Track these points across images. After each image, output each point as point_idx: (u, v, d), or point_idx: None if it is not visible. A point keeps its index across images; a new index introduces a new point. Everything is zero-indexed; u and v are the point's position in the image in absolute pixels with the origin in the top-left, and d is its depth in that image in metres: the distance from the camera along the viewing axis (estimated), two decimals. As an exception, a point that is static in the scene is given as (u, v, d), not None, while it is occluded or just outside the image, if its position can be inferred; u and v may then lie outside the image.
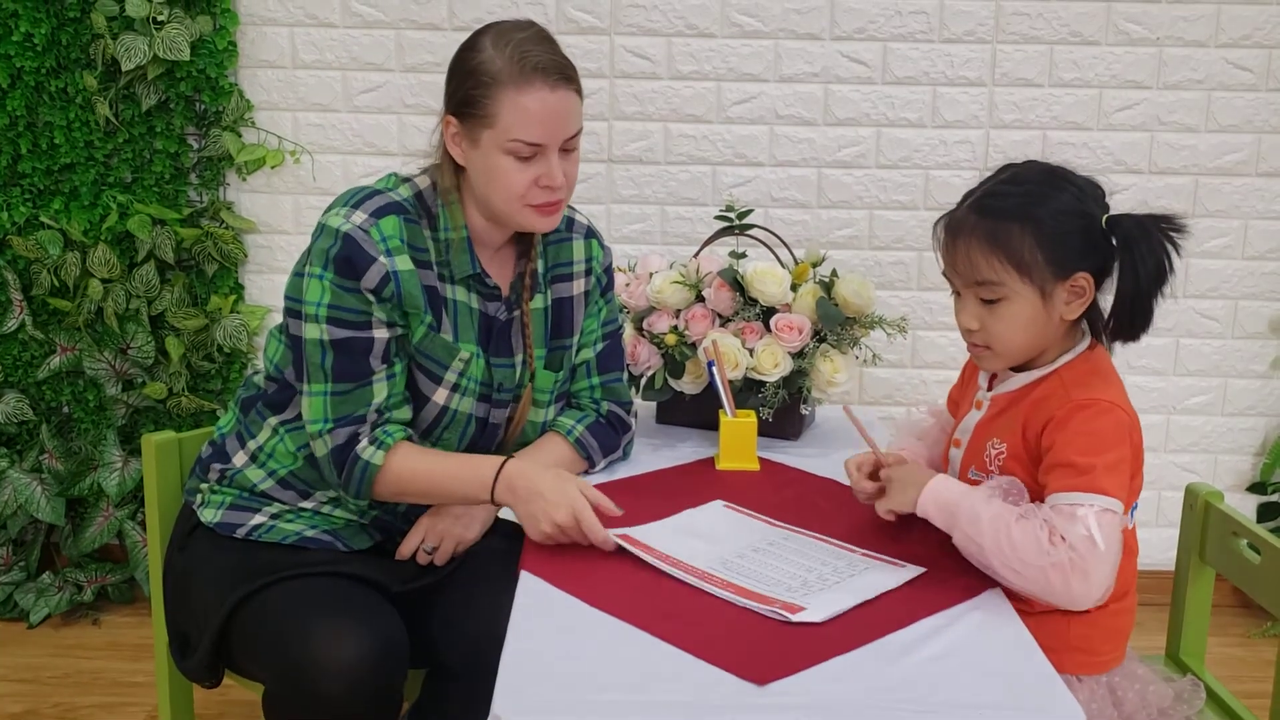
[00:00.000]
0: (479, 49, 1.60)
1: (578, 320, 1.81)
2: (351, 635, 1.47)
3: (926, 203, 2.72)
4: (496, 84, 1.57)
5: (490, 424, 1.74)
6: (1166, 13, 2.62)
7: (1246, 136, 2.69)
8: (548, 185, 1.62)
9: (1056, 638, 1.45)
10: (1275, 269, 2.76)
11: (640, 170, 2.71)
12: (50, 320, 2.72)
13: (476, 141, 1.61)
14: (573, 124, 1.63)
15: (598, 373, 1.84)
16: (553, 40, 1.63)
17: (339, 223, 1.60)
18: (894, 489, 1.53)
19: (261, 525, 1.69)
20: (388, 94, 2.67)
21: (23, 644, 2.64)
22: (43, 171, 2.65)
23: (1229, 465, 2.86)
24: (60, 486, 2.71)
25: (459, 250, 1.66)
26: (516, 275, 1.75)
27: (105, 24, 2.54)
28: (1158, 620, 1.83)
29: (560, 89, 1.59)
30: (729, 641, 1.29)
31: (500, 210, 1.64)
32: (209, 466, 1.74)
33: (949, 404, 1.74)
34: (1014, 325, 1.47)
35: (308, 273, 1.61)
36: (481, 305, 1.70)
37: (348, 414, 1.62)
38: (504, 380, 1.73)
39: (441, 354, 1.66)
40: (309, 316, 1.60)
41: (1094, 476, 1.38)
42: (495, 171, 1.61)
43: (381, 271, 1.59)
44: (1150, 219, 1.44)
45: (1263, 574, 1.58)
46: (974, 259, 1.46)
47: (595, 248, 1.83)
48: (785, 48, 2.65)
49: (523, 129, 1.57)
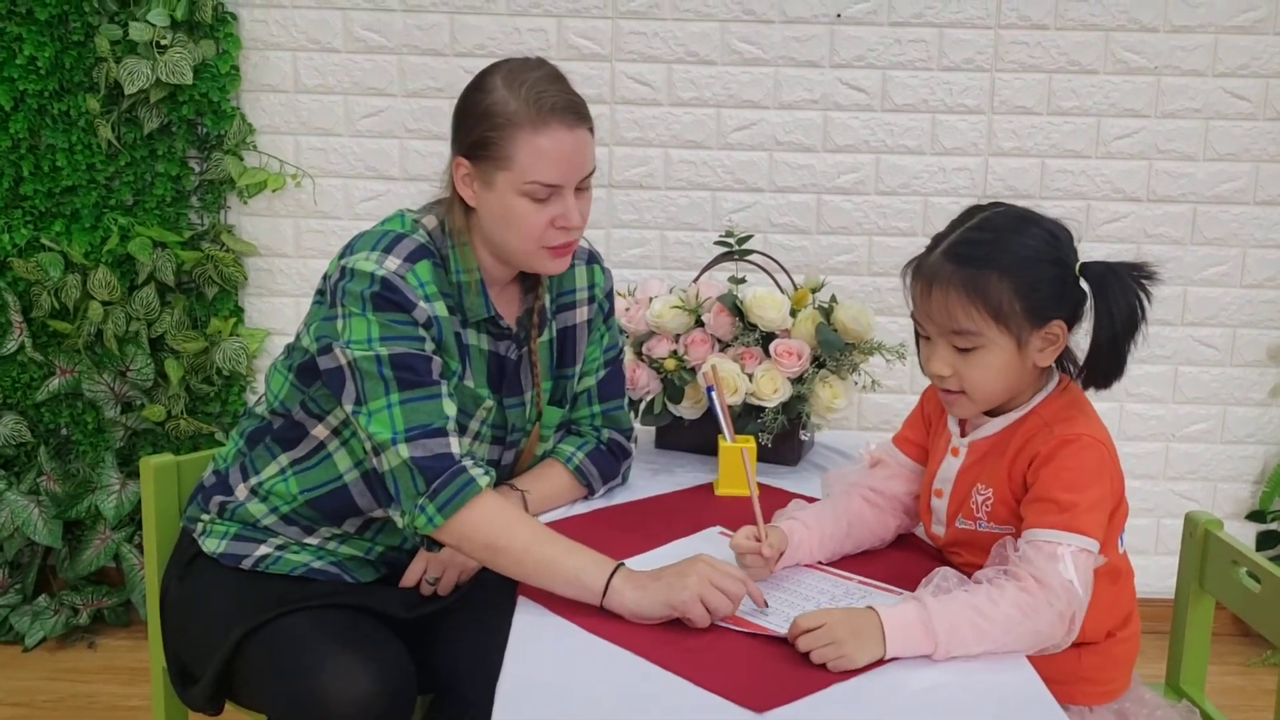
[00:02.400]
0: (490, 89, 1.56)
1: (581, 348, 1.79)
2: (360, 671, 1.45)
3: (925, 229, 2.73)
4: (512, 125, 1.53)
5: (502, 465, 1.72)
6: (1164, 42, 2.64)
7: (1244, 165, 2.70)
8: (564, 226, 1.58)
9: (1067, 670, 1.45)
10: (1273, 297, 2.76)
11: (640, 195, 2.72)
12: (50, 342, 2.72)
13: (491, 184, 1.57)
14: (589, 163, 1.60)
15: (599, 400, 1.83)
16: (565, 79, 1.61)
17: (372, 267, 1.54)
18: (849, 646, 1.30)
19: (268, 556, 1.66)
20: (389, 118, 2.68)
21: (18, 667, 2.63)
22: (44, 194, 2.65)
23: (1228, 493, 2.86)
24: (58, 509, 2.70)
25: (473, 293, 1.62)
26: (524, 311, 1.71)
27: (109, 48, 2.55)
28: (1158, 649, 1.83)
29: (577, 129, 1.57)
30: (728, 669, 1.29)
31: (514, 252, 1.61)
32: (210, 497, 1.71)
33: (902, 444, 1.66)
34: (989, 373, 1.45)
35: (344, 313, 1.54)
36: (492, 346, 1.67)
37: (423, 424, 1.51)
38: (516, 421, 1.71)
39: (469, 403, 1.63)
40: (357, 344, 1.52)
41: (1074, 515, 1.38)
42: (511, 214, 1.57)
43: (425, 315, 1.55)
44: (1123, 266, 1.42)
45: (1262, 602, 1.58)
46: (951, 308, 1.43)
47: (598, 273, 1.80)
48: (785, 75, 2.66)
49: (541, 171, 1.54)
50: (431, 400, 1.53)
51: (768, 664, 1.30)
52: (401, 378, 1.52)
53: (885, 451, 1.68)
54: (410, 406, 1.51)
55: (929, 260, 1.46)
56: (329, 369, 1.57)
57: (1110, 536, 1.46)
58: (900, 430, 1.68)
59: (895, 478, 1.64)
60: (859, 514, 1.60)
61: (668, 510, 1.79)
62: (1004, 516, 1.48)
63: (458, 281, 1.61)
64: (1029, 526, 1.40)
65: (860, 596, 1.48)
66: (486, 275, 1.65)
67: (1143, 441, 2.82)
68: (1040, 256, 1.43)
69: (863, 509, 1.61)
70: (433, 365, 1.55)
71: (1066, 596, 1.33)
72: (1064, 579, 1.34)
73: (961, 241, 1.45)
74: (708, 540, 1.67)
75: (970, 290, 1.42)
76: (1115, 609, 1.51)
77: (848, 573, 1.55)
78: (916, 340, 1.53)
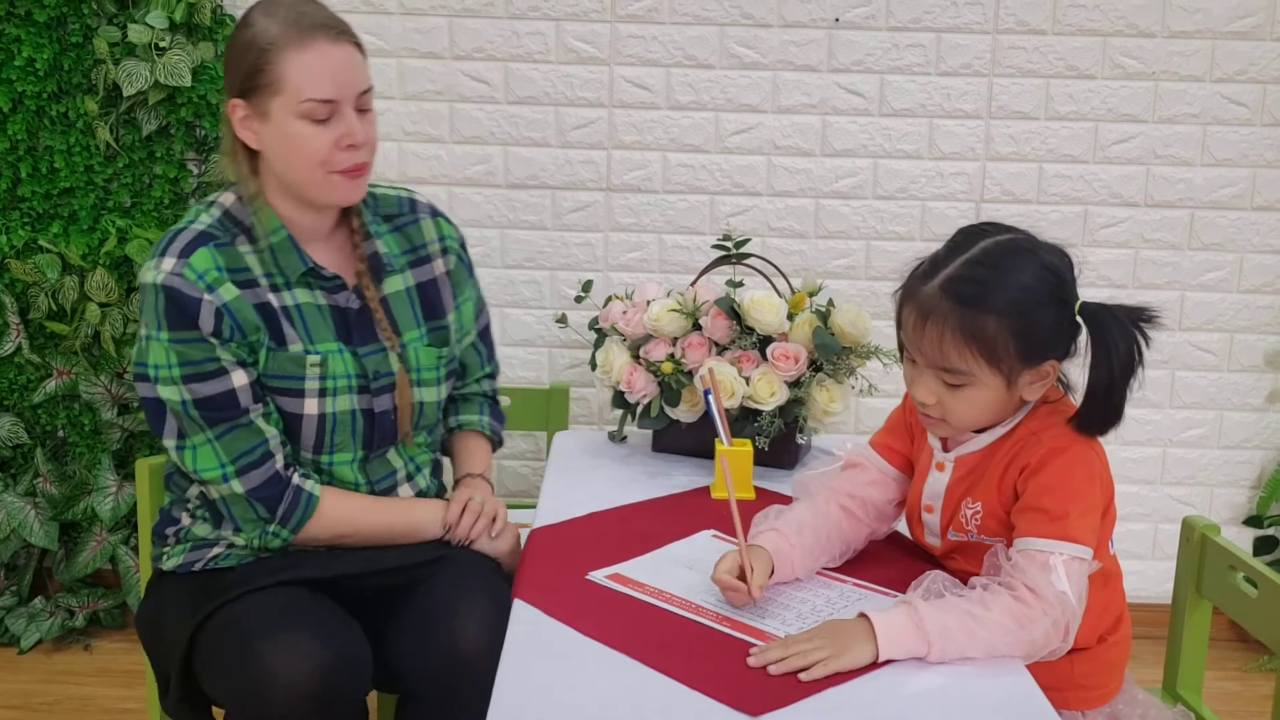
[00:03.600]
0: (251, 23, 1.58)
1: (447, 299, 1.80)
2: (303, 648, 1.45)
3: (923, 234, 2.73)
4: (276, 48, 1.54)
5: (378, 414, 1.70)
6: (1162, 48, 2.64)
7: (1242, 170, 2.70)
8: (350, 144, 1.58)
9: (1060, 677, 1.45)
10: (1270, 302, 2.77)
11: (638, 199, 2.72)
12: (47, 344, 2.71)
13: (267, 115, 1.57)
14: (362, 78, 1.61)
15: (487, 362, 1.93)
16: (319, 3, 1.62)
17: (152, 276, 1.57)
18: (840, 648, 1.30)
19: (219, 554, 1.67)
20: (388, 121, 2.69)
21: (13, 670, 2.62)
22: (42, 195, 2.65)
23: (1225, 498, 2.86)
24: (54, 511, 2.70)
25: (285, 251, 1.63)
26: (358, 259, 1.71)
27: (107, 49, 2.55)
28: (1155, 654, 1.83)
29: (342, 42, 1.58)
30: (723, 673, 1.29)
31: (305, 183, 1.60)
32: (163, 532, 1.73)
33: (884, 451, 1.64)
34: (975, 407, 1.44)
35: (144, 335, 1.59)
36: (329, 300, 1.67)
37: (244, 451, 1.60)
38: (379, 367, 1.69)
39: (291, 367, 1.63)
40: (163, 380, 1.57)
41: (1066, 524, 1.37)
42: (293, 140, 1.56)
43: (212, 309, 1.56)
44: (1122, 309, 1.40)
45: (1259, 608, 1.58)
46: (945, 348, 1.40)
47: (444, 225, 1.82)
48: (783, 79, 2.66)
49: (313, 87, 1.54)
50: (246, 428, 1.60)
51: (763, 667, 1.30)
52: (209, 416, 1.58)
53: (863, 456, 1.65)
54: (229, 439, 1.59)
55: (925, 291, 1.42)
56: (146, 398, 1.62)
57: (1101, 540, 1.46)
58: (880, 436, 1.65)
59: (875, 484, 1.62)
60: (837, 523, 1.57)
61: (664, 513, 1.80)
62: (994, 529, 1.47)
63: (269, 245, 1.62)
64: (1020, 535, 1.40)
65: (855, 599, 1.48)
66: (300, 230, 1.65)
67: (1140, 446, 2.82)
68: (1040, 299, 1.39)
69: (841, 519, 1.58)
70: (237, 394, 1.59)
71: (1061, 606, 1.33)
72: (1057, 589, 1.33)
73: (959, 278, 1.40)
74: (701, 543, 1.67)
75: (967, 333, 1.39)
76: (1107, 612, 1.51)
77: (842, 575, 1.55)
78: (900, 354, 1.51)
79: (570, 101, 2.67)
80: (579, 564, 1.57)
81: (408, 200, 1.81)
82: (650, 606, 1.45)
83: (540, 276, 2.75)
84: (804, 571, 1.52)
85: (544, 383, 2.77)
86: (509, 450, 2.82)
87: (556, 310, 2.71)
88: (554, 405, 2.55)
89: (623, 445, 2.18)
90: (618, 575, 1.54)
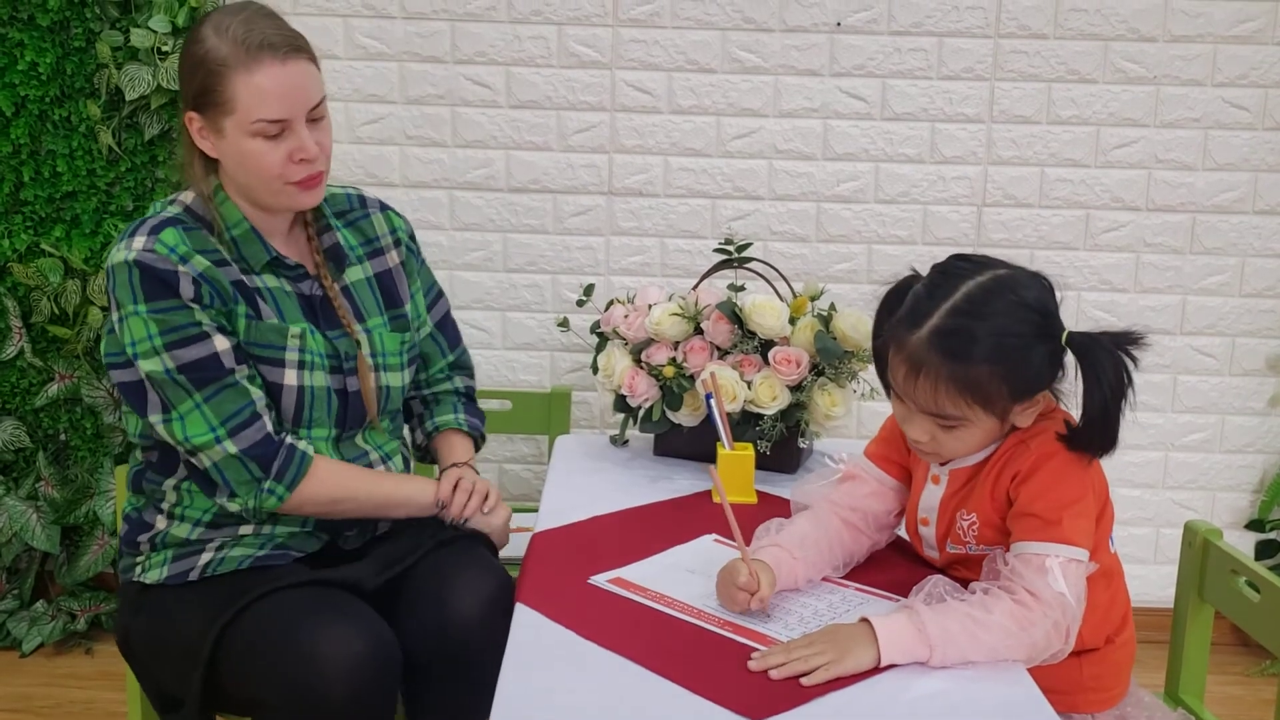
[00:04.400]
0: (202, 39, 1.59)
1: (403, 289, 1.84)
2: (346, 637, 1.46)
3: (925, 238, 2.73)
4: (226, 68, 1.56)
5: (350, 393, 1.72)
6: (1164, 52, 2.64)
7: (1243, 175, 2.70)
8: (303, 159, 1.61)
9: (1068, 680, 1.45)
10: (1272, 306, 2.77)
11: (640, 203, 2.72)
12: (49, 348, 2.72)
13: (222, 131, 1.60)
14: (313, 93, 1.62)
15: (449, 351, 1.94)
16: (275, 15, 1.63)
17: (123, 256, 1.58)
18: (841, 653, 1.31)
19: (211, 561, 1.65)
20: (390, 125, 2.69)
21: (15, 673, 2.62)
22: (44, 199, 2.66)
23: (1227, 502, 2.85)
24: (56, 514, 2.70)
25: (248, 242, 1.66)
26: (314, 250, 1.75)
27: (110, 54, 2.55)
28: (1157, 658, 1.82)
29: (291, 60, 1.59)
30: (725, 677, 1.29)
31: (263, 193, 1.64)
32: (135, 540, 1.70)
33: (881, 462, 1.63)
34: (968, 443, 1.46)
35: (121, 316, 1.58)
36: (294, 287, 1.70)
37: (234, 412, 1.59)
38: (347, 349, 1.72)
39: (273, 337, 1.65)
40: (144, 354, 1.57)
41: (1060, 527, 1.38)
42: (247, 156, 1.60)
43: (189, 278, 1.58)
44: (1107, 336, 1.40)
45: (1262, 612, 1.58)
46: (940, 400, 1.41)
47: (394, 218, 1.87)
48: (785, 83, 2.66)
49: (262, 108, 1.57)
50: (234, 388, 1.60)
51: (765, 671, 1.30)
52: (196, 378, 1.58)
53: (861, 467, 1.65)
54: (216, 401, 1.59)
55: (911, 342, 1.41)
56: (125, 383, 1.62)
57: (1100, 539, 1.46)
58: (876, 446, 1.65)
59: (874, 495, 1.61)
60: (839, 535, 1.57)
61: (665, 517, 1.80)
62: (991, 538, 1.48)
63: (232, 238, 1.65)
64: (1016, 540, 1.41)
65: (857, 604, 1.48)
66: (261, 225, 1.68)
67: (1142, 450, 2.82)
68: (1027, 340, 1.40)
69: (842, 531, 1.58)
70: (220, 356, 1.59)
71: (1060, 608, 1.33)
72: (1055, 591, 1.34)
73: (945, 331, 1.40)
74: (702, 547, 1.67)
75: (960, 384, 1.40)
76: (1112, 611, 1.52)
77: (844, 580, 1.55)
78: (887, 392, 1.49)
79: (572, 106, 2.67)
80: (581, 568, 1.57)
81: (357, 197, 1.86)
82: (652, 610, 1.45)
83: (542, 280, 2.75)
84: (805, 584, 1.53)
85: (546, 386, 2.77)
86: (510, 454, 2.83)
87: (558, 314, 2.71)
88: (555, 409, 2.55)
89: (624, 449, 2.18)
90: (620, 579, 1.54)
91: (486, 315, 2.77)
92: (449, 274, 2.72)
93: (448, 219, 2.72)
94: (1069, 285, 2.73)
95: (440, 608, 1.60)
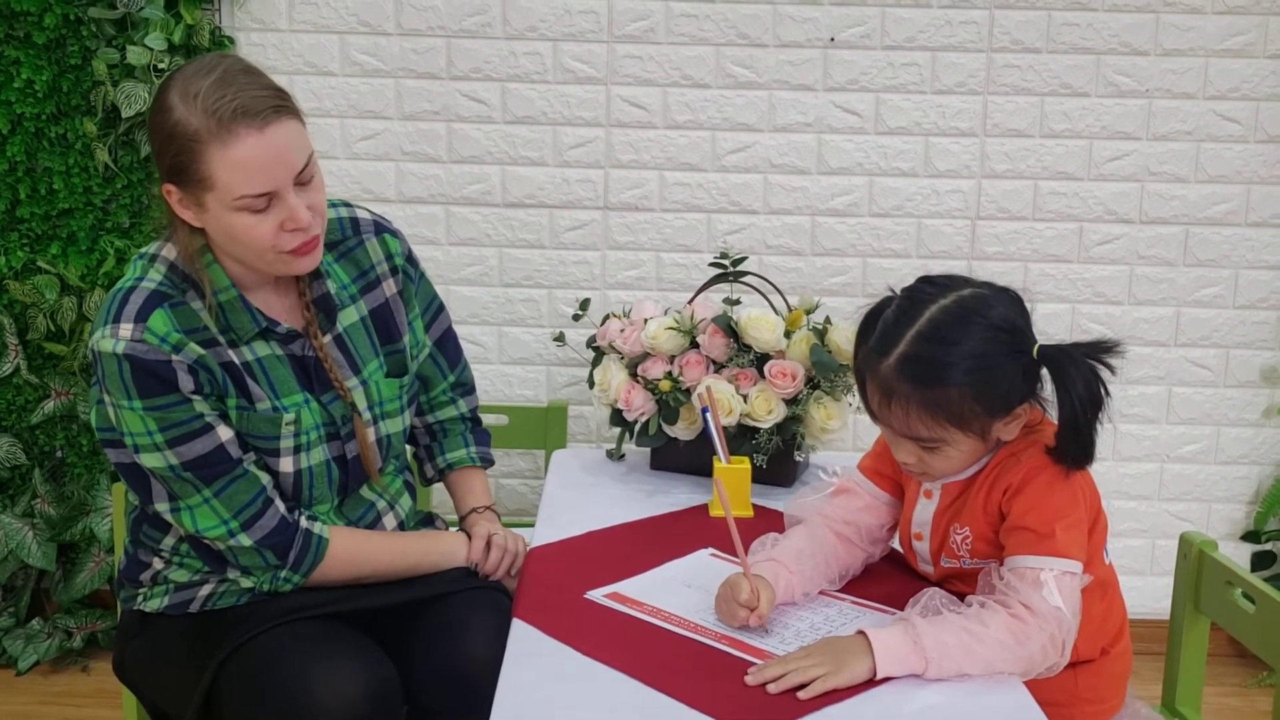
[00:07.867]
0: (169, 109, 1.44)
1: (401, 320, 1.72)
2: (347, 672, 1.45)
3: (919, 251, 2.74)
4: (199, 144, 1.42)
5: (349, 459, 1.65)
6: (1156, 65, 2.66)
7: (1236, 187, 2.72)
8: (295, 228, 1.48)
9: (1065, 692, 1.45)
10: (1266, 318, 2.78)
11: (635, 217, 2.73)
12: (45, 365, 2.72)
13: (204, 205, 1.47)
14: (299, 156, 1.47)
15: (450, 371, 1.85)
16: (249, 70, 1.46)
17: (110, 346, 1.46)
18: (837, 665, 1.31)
19: (213, 594, 1.61)
20: (385, 141, 2.70)
21: (11, 691, 2.61)
22: (41, 216, 2.66)
23: (1222, 514, 2.86)
24: (52, 531, 2.69)
25: (235, 311, 1.54)
26: (304, 306, 1.63)
27: (106, 71, 2.56)
28: (1153, 670, 1.83)
29: (271, 125, 1.43)
30: (722, 691, 1.29)
31: (256, 263, 1.52)
32: (136, 575, 1.66)
33: (874, 477, 1.64)
34: (954, 461, 1.46)
35: (111, 404, 1.49)
36: (285, 349, 1.59)
37: (246, 503, 1.53)
38: (341, 413, 1.64)
39: (265, 428, 1.55)
40: (144, 448, 1.49)
41: (1053, 540, 1.38)
42: (234, 231, 1.47)
43: (184, 367, 1.48)
44: (1078, 347, 1.40)
45: (1258, 623, 1.58)
46: (913, 424, 1.42)
47: (390, 242, 1.72)
48: (779, 98, 2.67)
49: (245, 184, 1.43)
50: (243, 479, 1.53)
51: (762, 685, 1.30)
52: (204, 474, 1.51)
53: (854, 481, 1.65)
54: (227, 494, 1.52)
55: (881, 370, 1.42)
56: (124, 464, 1.54)
57: (1095, 551, 1.46)
58: (869, 461, 1.66)
59: (868, 510, 1.62)
60: (834, 549, 1.58)
61: (662, 532, 1.80)
62: (985, 551, 1.48)
63: (217, 303, 1.53)
64: (1010, 554, 1.41)
65: (853, 616, 1.48)
66: (248, 285, 1.57)
67: (1137, 462, 2.82)
68: (995, 360, 1.40)
69: (837, 545, 1.58)
70: (226, 447, 1.51)
71: (1056, 621, 1.34)
72: (1051, 605, 1.34)
73: (912, 358, 1.40)
74: (699, 562, 1.67)
75: (931, 407, 1.40)
76: (1108, 622, 1.52)
77: (840, 593, 1.55)
78: (872, 416, 1.50)
79: (567, 121, 2.68)
80: (577, 583, 1.57)
81: (349, 221, 1.71)
82: (649, 625, 1.45)
83: (538, 295, 2.76)
84: (801, 598, 1.53)
85: (542, 401, 2.77)
86: (507, 469, 2.83)
87: (554, 329, 2.71)
88: (552, 423, 2.55)
89: (621, 463, 2.18)
90: (616, 594, 1.54)
91: (483, 330, 2.77)
92: (445, 289, 2.72)
93: (443, 234, 2.73)
94: (1062, 298, 2.75)
95: (452, 651, 1.57)
